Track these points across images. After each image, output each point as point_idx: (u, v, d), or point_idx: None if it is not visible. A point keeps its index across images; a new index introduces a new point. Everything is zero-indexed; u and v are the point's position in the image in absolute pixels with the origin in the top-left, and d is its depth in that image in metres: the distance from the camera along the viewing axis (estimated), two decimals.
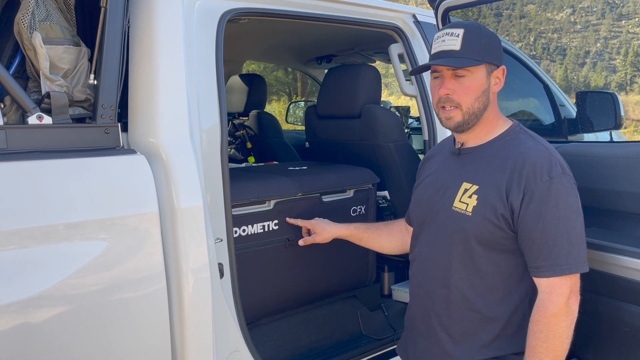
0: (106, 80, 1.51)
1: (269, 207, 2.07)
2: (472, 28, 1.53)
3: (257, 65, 13.41)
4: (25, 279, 1.29)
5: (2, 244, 1.28)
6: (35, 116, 1.41)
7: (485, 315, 1.52)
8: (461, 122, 1.53)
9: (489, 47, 1.53)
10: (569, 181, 1.46)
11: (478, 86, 1.51)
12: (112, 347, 1.44)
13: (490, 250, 1.50)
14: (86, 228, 1.39)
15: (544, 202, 1.41)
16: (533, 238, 1.43)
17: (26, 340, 1.30)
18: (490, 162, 1.52)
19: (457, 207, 1.53)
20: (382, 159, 2.53)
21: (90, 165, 1.44)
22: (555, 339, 1.40)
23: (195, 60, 1.71)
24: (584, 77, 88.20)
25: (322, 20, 2.14)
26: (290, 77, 14.37)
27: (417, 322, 1.67)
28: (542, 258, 1.42)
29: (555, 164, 1.45)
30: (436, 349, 1.59)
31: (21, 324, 1.29)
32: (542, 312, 1.42)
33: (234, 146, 3.58)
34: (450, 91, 1.52)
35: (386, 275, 2.69)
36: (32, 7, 1.45)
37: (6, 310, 1.26)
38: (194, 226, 1.55)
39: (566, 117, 3.12)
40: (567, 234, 1.41)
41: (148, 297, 1.49)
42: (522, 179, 1.43)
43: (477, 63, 1.49)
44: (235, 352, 1.78)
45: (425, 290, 1.62)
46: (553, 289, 1.42)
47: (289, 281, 2.16)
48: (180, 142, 1.58)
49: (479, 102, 1.52)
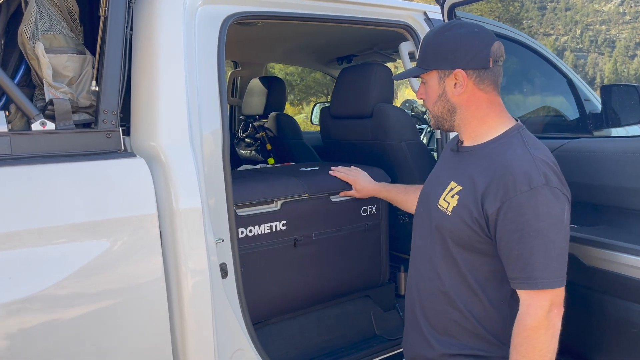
0: (107, 86, 1.57)
1: (276, 208, 2.09)
2: (430, 34, 1.57)
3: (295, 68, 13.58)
4: (26, 279, 1.35)
5: (5, 245, 1.34)
6: (39, 122, 1.48)
7: (464, 314, 1.50)
8: (434, 123, 1.63)
9: (439, 52, 1.52)
10: (554, 193, 1.39)
11: (432, 92, 1.57)
12: (112, 347, 1.49)
13: (468, 252, 1.48)
14: (86, 229, 1.44)
15: (522, 212, 1.37)
16: (510, 248, 1.39)
17: (26, 339, 1.36)
18: (477, 164, 1.50)
19: (440, 205, 1.53)
20: (395, 158, 2.52)
21: (91, 168, 1.50)
22: (535, 352, 1.36)
23: (196, 65, 1.74)
24: (635, 69, 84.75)
25: (328, 22, 2.15)
26: (328, 79, 14.50)
27: (408, 313, 1.69)
28: (518, 269, 1.39)
29: (539, 174, 1.38)
30: (420, 340, 1.60)
31: (21, 323, 1.35)
32: (521, 325, 1.39)
33: (254, 148, 3.63)
34: (422, 96, 1.63)
35: (402, 275, 2.66)
36: (35, 18, 1.52)
37: (7, 309, 1.33)
38: (192, 227, 1.59)
39: (591, 112, 3.02)
40: (544, 247, 1.36)
41: (148, 297, 1.53)
42: (500, 188, 1.39)
43: (423, 71, 1.56)
44: (239, 350, 1.81)
45: (415, 282, 1.64)
46: (532, 302, 1.38)
47: (297, 281, 2.17)
48: (179, 145, 1.62)
49: (438, 107, 1.57)
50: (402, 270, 2.66)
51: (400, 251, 2.64)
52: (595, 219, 1.76)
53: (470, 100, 1.52)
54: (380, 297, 2.47)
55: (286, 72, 12.88)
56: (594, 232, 1.70)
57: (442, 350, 1.54)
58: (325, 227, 2.22)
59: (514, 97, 3.39)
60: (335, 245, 2.25)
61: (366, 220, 2.34)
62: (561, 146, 1.85)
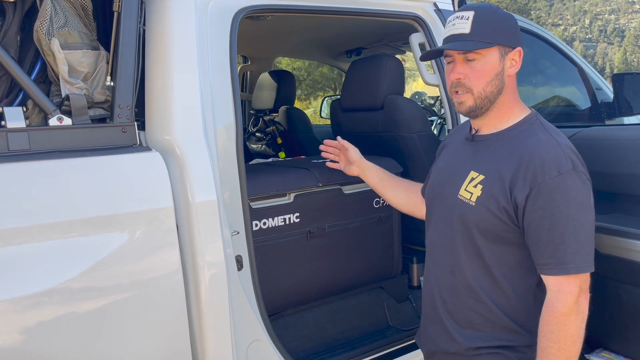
0: (122, 81, 1.58)
1: (289, 200, 2.10)
2: (483, 9, 1.48)
3: (302, 62, 13.56)
4: (44, 272, 1.37)
5: (24, 239, 1.36)
6: (56, 118, 1.50)
7: (488, 306, 1.49)
8: (473, 106, 1.50)
9: (502, 28, 1.48)
10: (580, 178, 1.39)
11: (490, 69, 1.47)
12: (131, 339, 1.51)
13: (493, 242, 1.47)
14: (104, 223, 1.46)
15: (551, 198, 1.36)
16: (540, 234, 1.38)
17: (44, 333, 1.38)
18: (500, 152, 1.49)
19: (462, 195, 1.51)
20: (406, 150, 2.52)
21: (107, 163, 1.51)
22: (567, 339, 1.36)
23: (209, 59, 1.75)
24: None
25: (338, 14, 2.15)
26: (335, 73, 14.49)
27: (427, 307, 1.67)
28: (548, 255, 1.38)
29: (566, 159, 1.38)
30: (442, 334, 1.59)
31: (38, 317, 1.37)
32: (551, 312, 1.38)
33: (264, 142, 3.64)
34: (461, 75, 1.48)
35: (415, 267, 2.67)
36: (50, 14, 1.54)
37: (26, 302, 1.35)
38: (208, 220, 1.60)
39: (603, 100, 3.00)
40: (575, 232, 1.36)
41: (165, 290, 1.55)
42: (529, 174, 1.39)
43: (487, 45, 1.45)
44: (255, 341, 1.83)
45: (434, 276, 1.62)
46: (561, 288, 1.37)
47: (311, 273, 2.18)
48: (194, 138, 1.64)
49: (491, 86, 1.48)
50: (415, 261, 2.67)
51: (413, 243, 2.65)
52: (610, 206, 1.76)
53: (511, 82, 1.51)
54: (393, 289, 2.48)
55: (293, 66, 12.89)
56: (609, 220, 1.69)
57: (467, 344, 1.52)
58: (338, 219, 2.23)
59: (525, 87, 3.38)
60: (347, 237, 2.26)
61: (378, 212, 2.35)
62: (574, 135, 1.84)
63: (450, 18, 1.54)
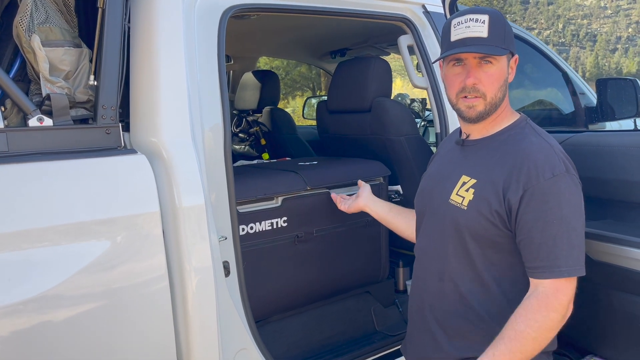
0: (106, 80, 1.52)
1: (277, 204, 2.05)
2: (495, 14, 1.47)
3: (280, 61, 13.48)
4: (26, 280, 1.31)
5: (4, 246, 1.29)
6: (36, 118, 1.43)
7: (479, 314, 1.48)
8: (483, 112, 1.48)
9: (509, 34, 1.48)
10: (573, 180, 1.39)
11: (501, 75, 1.46)
12: (116, 347, 1.45)
13: (485, 248, 1.46)
14: (88, 228, 1.40)
15: (545, 200, 1.36)
16: (532, 237, 1.37)
17: (29, 340, 1.32)
18: (491, 155, 1.48)
19: (453, 200, 1.50)
20: (394, 153, 2.49)
21: (90, 166, 1.45)
22: (547, 333, 1.37)
23: (196, 59, 1.70)
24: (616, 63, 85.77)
25: (327, 14, 2.11)
26: (314, 73, 14.48)
27: (414, 315, 1.64)
28: (540, 258, 1.37)
29: (559, 162, 1.39)
30: (430, 343, 1.56)
31: (23, 324, 1.30)
32: (544, 304, 1.36)
33: (247, 143, 3.59)
34: (477, 80, 1.45)
35: (401, 271, 2.65)
36: (31, 10, 1.47)
37: (8, 310, 1.28)
38: (196, 225, 1.55)
39: (586, 105, 3.03)
40: (568, 234, 1.35)
41: (151, 296, 1.49)
42: (523, 176, 1.38)
43: (504, 52, 1.44)
44: (242, 350, 1.78)
45: (423, 283, 1.60)
46: (559, 289, 1.36)
47: (299, 278, 2.14)
48: (181, 141, 1.58)
49: (500, 92, 1.47)
50: (401, 265, 2.65)
51: (399, 247, 2.63)
52: (602, 213, 1.76)
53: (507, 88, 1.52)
54: (380, 293, 2.46)
55: (271, 65, 12.82)
56: (601, 227, 1.69)
57: (456, 355, 1.50)
58: (326, 223, 2.19)
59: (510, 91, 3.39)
60: (335, 242, 2.23)
61: (366, 216, 2.31)
62: (566, 140, 1.84)
63: (459, 20, 1.48)
